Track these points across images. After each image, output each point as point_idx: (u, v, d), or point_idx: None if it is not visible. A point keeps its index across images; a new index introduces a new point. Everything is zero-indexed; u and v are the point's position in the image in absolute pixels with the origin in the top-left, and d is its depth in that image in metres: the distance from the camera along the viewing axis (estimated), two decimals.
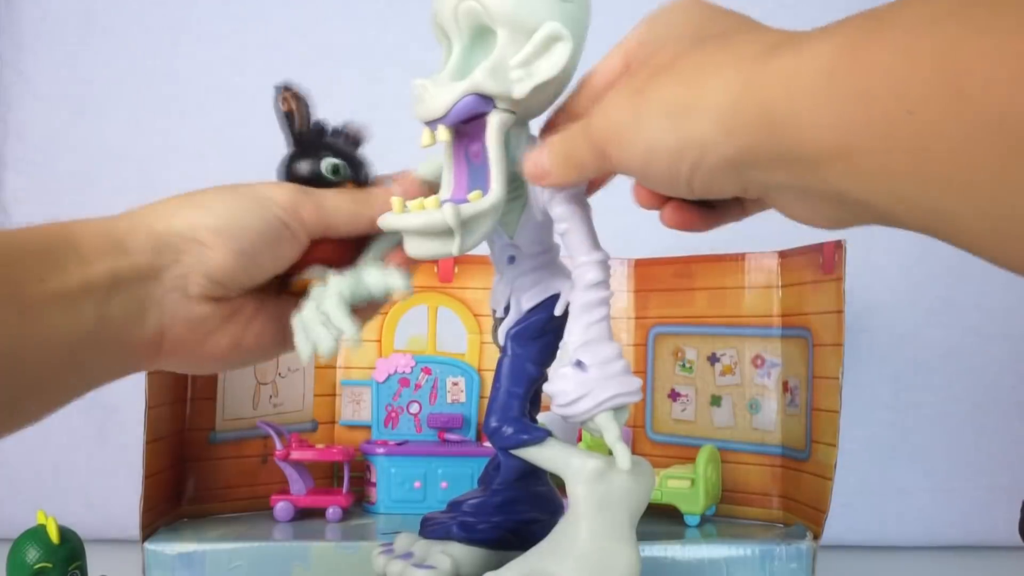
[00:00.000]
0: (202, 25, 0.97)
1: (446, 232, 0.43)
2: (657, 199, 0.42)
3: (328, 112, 0.50)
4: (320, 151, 0.48)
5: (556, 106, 0.46)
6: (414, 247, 0.44)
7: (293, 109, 0.48)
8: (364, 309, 0.49)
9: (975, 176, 0.26)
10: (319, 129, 0.49)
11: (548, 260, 0.50)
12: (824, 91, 0.29)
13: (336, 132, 0.49)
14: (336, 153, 0.48)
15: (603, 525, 0.45)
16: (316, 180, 0.47)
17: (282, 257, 0.45)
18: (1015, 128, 0.24)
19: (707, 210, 0.43)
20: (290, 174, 0.48)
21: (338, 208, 0.46)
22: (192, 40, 0.97)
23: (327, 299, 0.45)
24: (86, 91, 0.95)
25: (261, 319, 0.46)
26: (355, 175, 0.48)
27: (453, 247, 0.43)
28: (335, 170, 0.48)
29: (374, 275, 0.46)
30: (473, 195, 0.44)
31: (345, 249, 0.48)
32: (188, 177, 0.93)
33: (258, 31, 0.97)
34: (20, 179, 0.95)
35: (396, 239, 0.48)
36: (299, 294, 0.47)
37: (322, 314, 0.44)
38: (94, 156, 0.95)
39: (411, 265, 0.48)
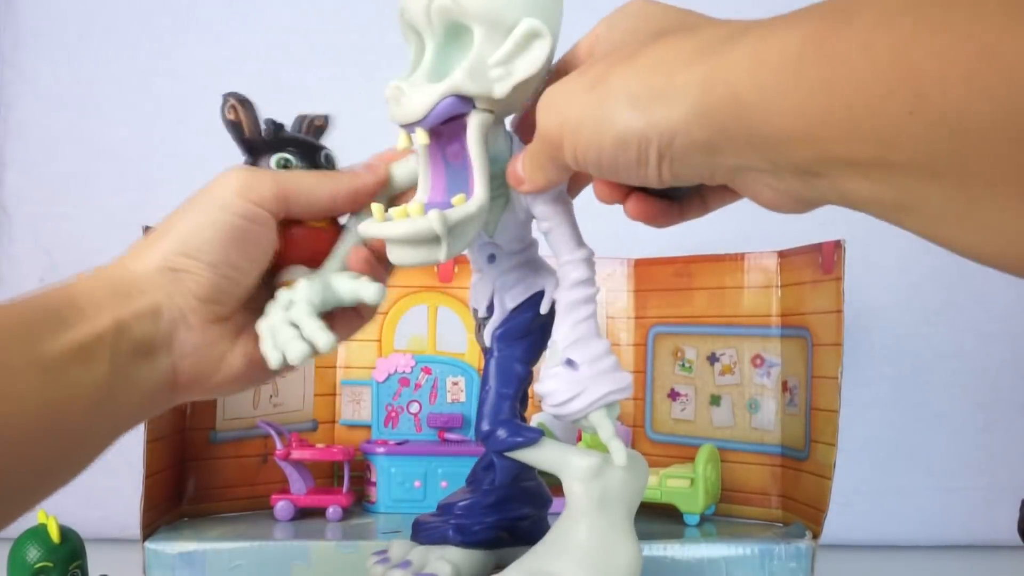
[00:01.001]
0: (202, 25, 0.97)
1: (432, 239, 0.42)
2: (619, 193, 0.42)
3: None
4: (269, 150, 0.47)
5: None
6: (398, 255, 0.43)
7: (240, 117, 0.47)
8: (350, 318, 0.47)
9: (938, 169, 0.27)
10: (271, 127, 0.48)
11: (528, 257, 0.49)
12: (790, 79, 0.30)
13: (299, 121, 0.48)
14: (286, 147, 0.47)
15: (602, 522, 0.45)
16: None
17: (257, 253, 0.44)
18: (973, 127, 0.25)
19: (668, 203, 0.42)
20: None
21: (297, 182, 0.44)
22: (192, 40, 0.97)
23: (296, 307, 0.43)
24: (86, 91, 0.96)
25: None
26: (310, 164, 0.47)
27: (440, 254, 0.42)
28: (284, 164, 0.47)
29: (344, 284, 0.45)
30: (456, 199, 0.42)
31: (322, 242, 0.47)
32: (188, 177, 0.94)
33: (258, 31, 0.97)
34: (20, 179, 0.95)
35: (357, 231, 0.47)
36: None
37: (292, 323, 0.43)
38: (94, 156, 0.95)
39: (383, 271, 0.47)
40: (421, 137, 0.43)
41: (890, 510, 0.91)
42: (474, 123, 0.43)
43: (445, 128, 0.43)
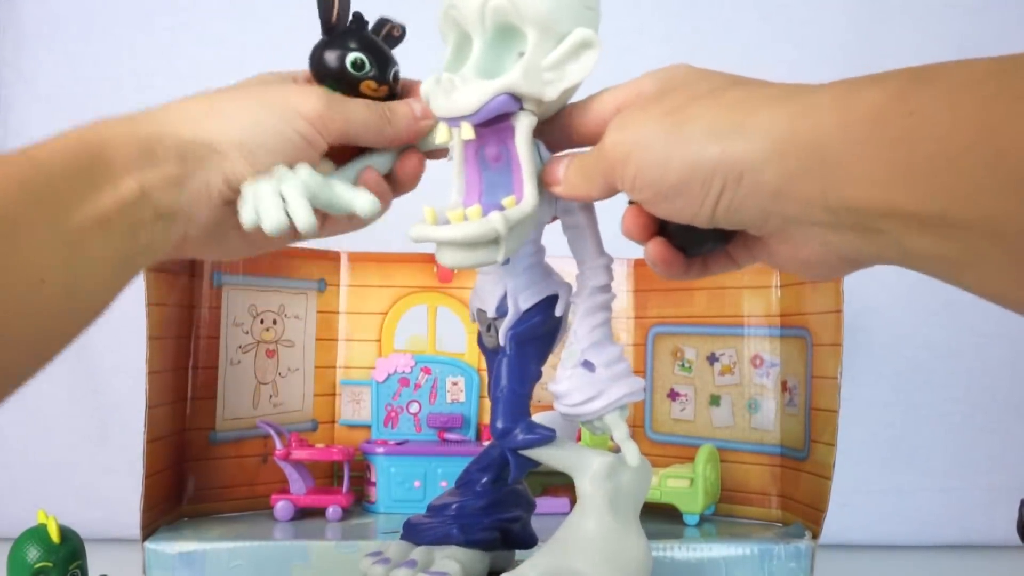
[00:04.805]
0: (202, 25, 0.97)
1: (490, 241, 0.42)
2: (647, 232, 0.42)
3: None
4: (348, 44, 0.47)
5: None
6: (453, 258, 0.43)
7: None
8: (338, 223, 0.48)
9: (1004, 225, 0.28)
10: (357, 20, 0.48)
11: (539, 260, 0.50)
12: (873, 129, 0.30)
13: (381, 23, 0.49)
14: (365, 47, 0.47)
15: (614, 519, 0.46)
16: (341, 72, 0.47)
17: (297, 162, 0.45)
18: None
19: (680, 256, 0.43)
20: (317, 63, 0.47)
21: (366, 123, 0.46)
22: (192, 40, 0.97)
23: (289, 183, 0.43)
24: (86, 91, 0.96)
25: None
26: (380, 73, 0.47)
27: (498, 255, 0.42)
28: (359, 65, 0.47)
29: (343, 190, 0.45)
30: (507, 200, 0.43)
31: (351, 148, 0.48)
32: None
33: (258, 31, 0.97)
34: None
35: (386, 158, 0.48)
36: None
37: (279, 194, 0.43)
38: None
39: (389, 197, 0.48)
40: (467, 131, 0.43)
41: (890, 510, 0.91)
42: (523, 124, 0.43)
43: (487, 130, 0.43)
